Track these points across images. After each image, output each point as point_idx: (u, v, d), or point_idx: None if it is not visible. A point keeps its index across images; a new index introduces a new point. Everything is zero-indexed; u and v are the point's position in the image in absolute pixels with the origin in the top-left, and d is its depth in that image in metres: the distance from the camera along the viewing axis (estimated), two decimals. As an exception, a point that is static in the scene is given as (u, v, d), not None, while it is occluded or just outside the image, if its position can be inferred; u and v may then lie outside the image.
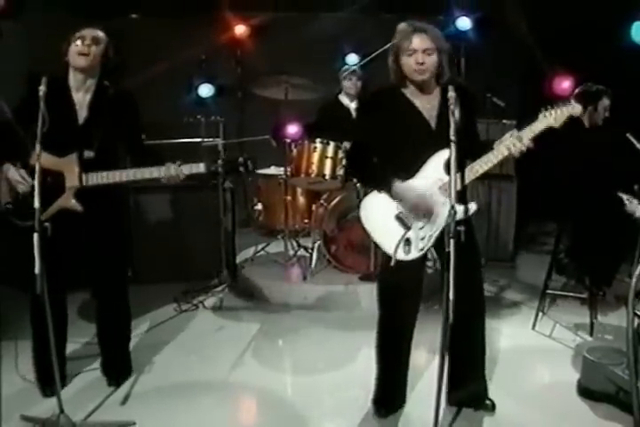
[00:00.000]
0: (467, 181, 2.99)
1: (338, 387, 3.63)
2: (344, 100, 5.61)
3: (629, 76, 5.05)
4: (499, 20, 5.61)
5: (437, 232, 2.99)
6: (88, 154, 3.22)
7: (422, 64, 2.90)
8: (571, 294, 4.61)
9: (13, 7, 4.34)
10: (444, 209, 2.91)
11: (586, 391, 3.41)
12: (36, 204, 2.86)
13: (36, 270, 2.75)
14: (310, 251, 5.30)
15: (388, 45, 4.94)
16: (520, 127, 2.96)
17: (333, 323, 4.53)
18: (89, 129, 3.27)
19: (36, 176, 2.90)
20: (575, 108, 2.89)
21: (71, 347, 4.01)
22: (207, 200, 5.45)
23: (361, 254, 5.04)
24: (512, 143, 2.88)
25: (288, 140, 5.07)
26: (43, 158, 2.90)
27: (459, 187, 2.93)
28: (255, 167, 3.29)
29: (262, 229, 6.12)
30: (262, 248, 5.64)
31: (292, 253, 5.42)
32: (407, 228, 3.01)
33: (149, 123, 3.65)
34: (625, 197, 4.03)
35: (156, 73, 6.28)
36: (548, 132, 3.83)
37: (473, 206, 2.99)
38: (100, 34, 3.26)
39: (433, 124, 3.03)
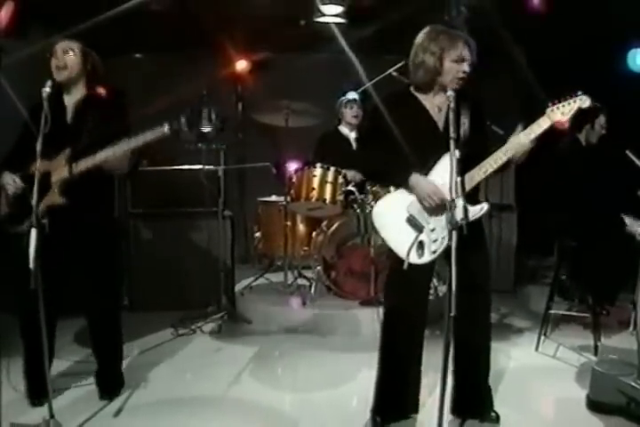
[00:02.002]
0: (476, 180, 2.97)
1: (337, 403, 3.54)
2: (344, 130, 5.64)
3: (627, 104, 5.12)
4: (498, 51, 5.71)
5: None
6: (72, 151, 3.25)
7: (467, 73, 2.95)
8: (574, 313, 4.56)
9: (17, 26, 4.44)
10: (454, 210, 2.84)
11: (595, 404, 3.32)
12: (34, 200, 2.88)
13: (31, 265, 2.73)
14: (310, 280, 5.25)
15: (389, 72, 5.06)
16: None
17: (333, 346, 4.45)
18: (76, 128, 3.32)
19: (36, 174, 2.93)
20: (584, 101, 2.81)
21: (64, 365, 4.00)
22: (206, 228, 5.41)
23: (361, 281, 4.99)
24: (520, 138, 2.87)
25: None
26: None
27: (468, 187, 2.93)
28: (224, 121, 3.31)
29: (261, 260, 6.08)
30: (261, 275, 5.59)
31: (291, 281, 5.37)
32: (419, 230, 2.97)
33: (151, 151, 3.67)
34: (626, 218, 4.05)
35: (159, 108, 6.36)
36: (546, 150, 3.89)
37: (485, 206, 2.95)
38: (74, 44, 3.34)
39: (441, 125, 3.05)
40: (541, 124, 2.86)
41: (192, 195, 5.40)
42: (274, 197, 5.60)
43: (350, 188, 5.09)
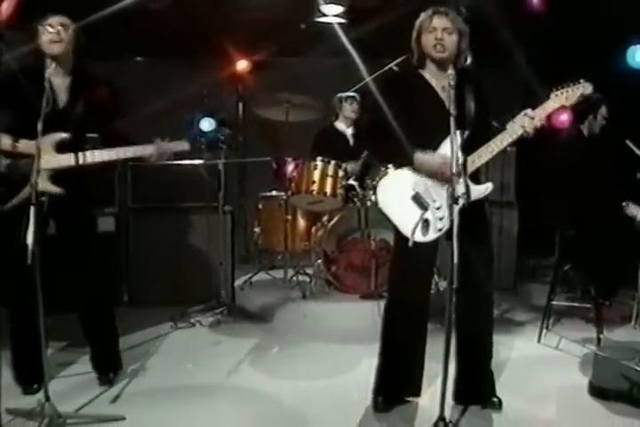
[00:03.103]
0: (484, 160, 2.99)
1: (336, 393, 3.50)
2: (340, 126, 5.62)
3: (627, 100, 5.11)
4: (497, 50, 5.72)
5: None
6: (64, 136, 3.20)
7: (441, 40, 2.98)
8: (576, 304, 4.55)
9: (19, 20, 4.42)
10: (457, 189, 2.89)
11: (598, 390, 3.29)
12: (33, 179, 2.86)
13: (29, 241, 2.72)
14: (310, 276, 5.22)
15: (390, 66, 5.05)
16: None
17: (333, 339, 4.40)
18: (67, 112, 3.28)
19: (36, 153, 2.91)
20: (586, 88, 2.88)
21: (61, 354, 3.97)
22: (206, 223, 5.39)
23: (362, 275, 4.97)
24: (525, 121, 2.90)
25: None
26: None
27: (475, 166, 2.98)
28: (237, 144, 3.29)
29: (261, 259, 6.04)
30: (260, 269, 5.58)
31: (290, 276, 5.35)
32: (424, 208, 2.99)
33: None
34: (624, 202, 4.04)
35: (161, 109, 6.35)
36: (548, 141, 3.88)
37: (489, 186, 3.00)
38: (67, 20, 3.30)
39: (447, 103, 3.03)
40: (546, 108, 2.91)
41: (192, 189, 5.38)
42: (274, 193, 5.58)
43: (351, 182, 5.08)
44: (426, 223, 2.97)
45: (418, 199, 3.01)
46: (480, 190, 2.98)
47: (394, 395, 3.23)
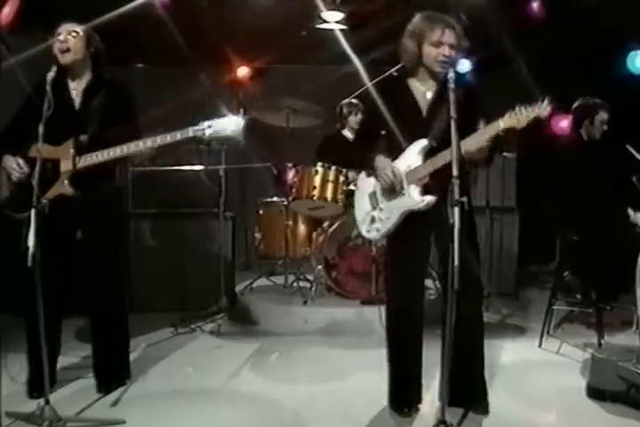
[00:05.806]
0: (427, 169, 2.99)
1: (337, 397, 3.48)
2: (347, 134, 5.63)
3: (628, 105, 5.13)
4: (498, 56, 5.74)
5: (393, 219, 3.06)
6: (82, 138, 3.23)
7: (449, 58, 2.95)
8: (577, 309, 4.54)
9: (20, 25, 4.46)
10: (401, 196, 3.04)
11: (595, 392, 3.29)
12: (35, 180, 2.88)
13: (30, 243, 2.74)
14: (311, 282, 5.22)
15: (390, 72, 5.06)
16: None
17: (335, 343, 4.41)
18: (84, 114, 3.31)
19: (38, 157, 2.94)
20: (543, 110, 2.63)
21: (64, 359, 3.92)
22: (207, 229, 5.40)
23: (362, 281, 4.96)
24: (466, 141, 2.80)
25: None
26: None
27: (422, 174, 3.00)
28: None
29: (262, 266, 6.04)
30: (261, 275, 5.58)
31: (291, 281, 5.34)
32: (374, 207, 3.18)
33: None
34: (630, 210, 4.04)
35: (161, 115, 6.36)
36: (548, 147, 3.89)
37: (429, 200, 2.98)
38: (77, 27, 3.32)
39: (424, 112, 3.08)
40: (488, 131, 2.78)
41: (193, 195, 5.41)
42: (275, 199, 5.58)
43: (352, 187, 5.07)
44: (372, 220, 3.18)
45: (372, 197, 3.19)
46: (417, 201, 3.00)
47: (408, 400, 3.22)
